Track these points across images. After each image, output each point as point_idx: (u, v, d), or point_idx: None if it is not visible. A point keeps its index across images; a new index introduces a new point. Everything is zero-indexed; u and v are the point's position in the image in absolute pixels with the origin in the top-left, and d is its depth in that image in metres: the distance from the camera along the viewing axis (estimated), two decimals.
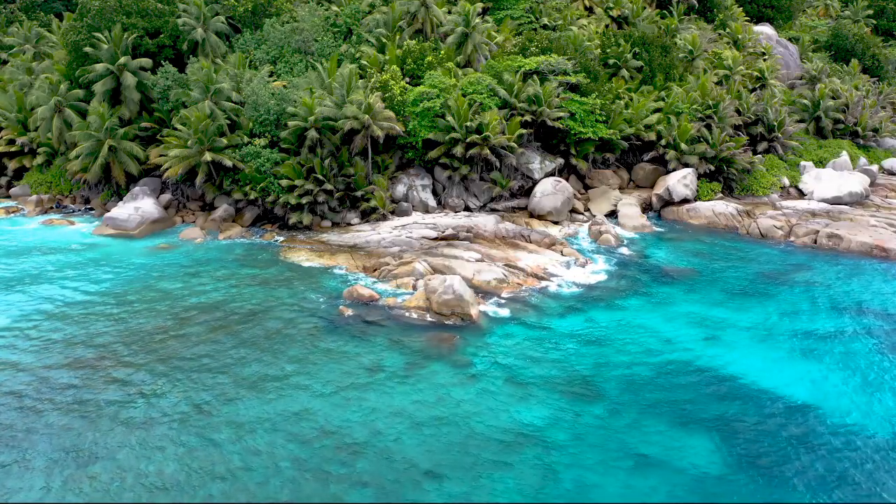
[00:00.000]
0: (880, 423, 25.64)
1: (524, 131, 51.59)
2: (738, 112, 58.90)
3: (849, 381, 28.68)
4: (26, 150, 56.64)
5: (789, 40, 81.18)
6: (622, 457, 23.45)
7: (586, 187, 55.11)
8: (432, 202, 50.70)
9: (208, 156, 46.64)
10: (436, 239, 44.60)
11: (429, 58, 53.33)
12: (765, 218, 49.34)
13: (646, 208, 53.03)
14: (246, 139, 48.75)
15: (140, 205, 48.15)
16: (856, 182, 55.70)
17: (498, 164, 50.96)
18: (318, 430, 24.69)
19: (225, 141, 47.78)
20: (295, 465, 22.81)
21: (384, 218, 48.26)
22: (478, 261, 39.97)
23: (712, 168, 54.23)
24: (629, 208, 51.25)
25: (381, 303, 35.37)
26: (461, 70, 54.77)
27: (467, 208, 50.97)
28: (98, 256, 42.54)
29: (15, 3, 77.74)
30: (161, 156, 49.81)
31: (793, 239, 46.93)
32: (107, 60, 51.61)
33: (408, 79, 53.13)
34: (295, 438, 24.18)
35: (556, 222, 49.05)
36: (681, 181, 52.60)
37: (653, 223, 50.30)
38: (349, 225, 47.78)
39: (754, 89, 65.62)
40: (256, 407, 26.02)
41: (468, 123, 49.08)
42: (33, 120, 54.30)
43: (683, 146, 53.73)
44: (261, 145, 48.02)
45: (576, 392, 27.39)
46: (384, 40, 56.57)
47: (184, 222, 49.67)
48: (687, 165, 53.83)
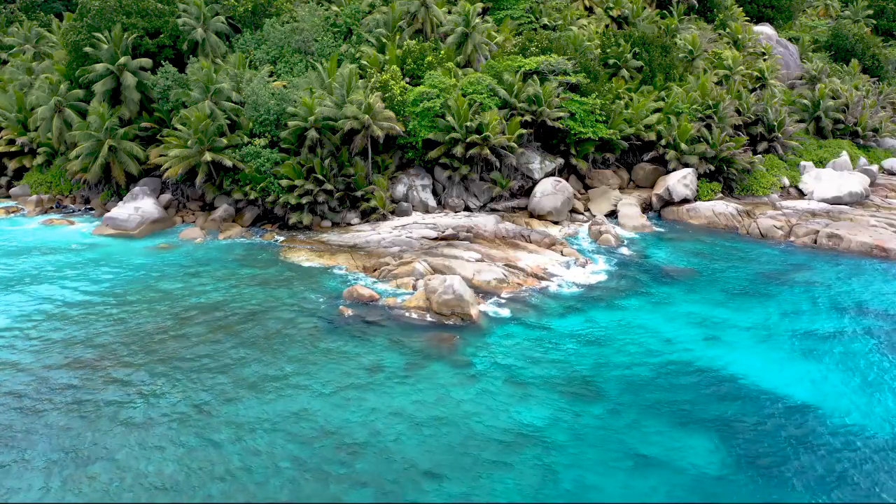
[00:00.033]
0: (880, 423, 25.64)
1: (524, 131, 51.59)
2: (738, 112, 58.90)
3: (849, 382, 28.69)
4: (26, 150, 56.65)
5: (789, 40, 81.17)
6: (622, 457, 23.45)
7: (586, 187, 55.11)
8: (432, 202, 50.69)
9: (208, 156, 46.65)
10: (436, 239, 44.60)
11: (429, 58, 53.33)
12: (765, 218, 49.33)
13: (646, 208, 53.03)
14: (246, 139, 48.76)
15: (140, 205, 48.15)
16: (856, 182, 55.69)
17: (498, 164, 50.96)
18: (318, 430, 24.69)
19: (225, 141, 47.79)
20: (295, 465, 22.81)
21: (384, 218, 48.26)
22: (478, 261, 39.97)
23: (712, 168, 54.23)
24: (629, 208, 51.24)
25: (381, 303, 35.37)
26: (461, 70, 54.77)
27: (467, 208, 50.97)
28: (98, 256, 42.54)
29: (15, 3, 77.74)
30: (161, 156, 49.82)
31: (793, 239, 46.93)
32: (107, 60, 51.61)
33: (408, 79, 53.12)
34: (295, 438, 24.17)
35: (556, 222, 49.04)
36: (681, 181, 52.60)
37: (653, 223, 50.29)
38: (349, 225, 47.78)
39: (754, 89, 65.61)
40: (256, 407, 26.01)
41: (468, 123, 49.07)
42: (33, 120, 54.30)
43: (683, 146, 53.72)
44: (261, 145, 48.02)
45: (576, 392, 27.38)
46: (384, 40, 56.57)
47: (184, 222, 49.67)
48: (687, 165, 53.83)
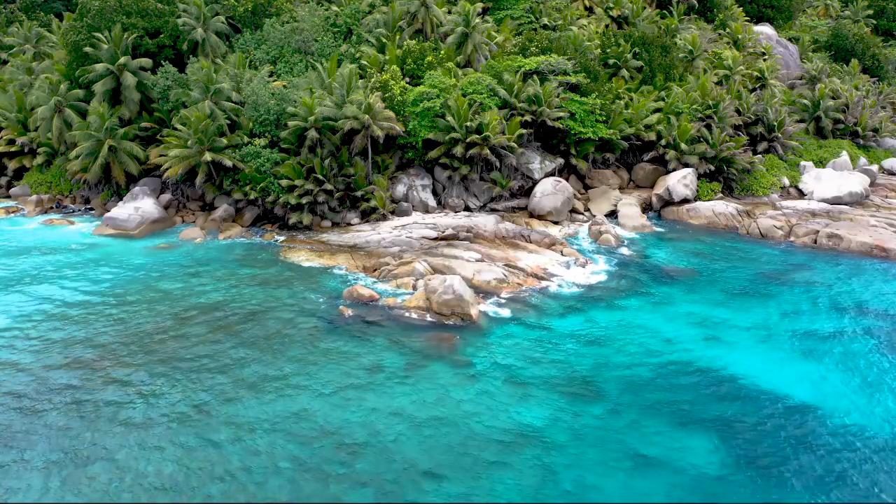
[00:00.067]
0: (880, 423, 25.63)
1: (524, 131, 51.58)
2: (738, 112, 58.89)
3: (848, 382, 28.68)
4: (26, 150, 56.66)
5: (789, 40, 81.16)
6: (622, 457, 23.44)
7: (586, 187, 55.11)
8: (432, 202, 50.69)
9: (208, 156, 46.64)
10: (436, 239, 44.59)
11: (429, 58, 53.32)
12: (765, 218, 49.33)
13: (646, 208, 53.02)
14: (246, 139, 48.76)
15: (140, 205, 48.15)
16: (856, 182, 55.68)
17: (498, 164, 50.95)
18: (318, 430, 24.68)
19: (225, 141, 47.78)
20: (294, 466, 22.81)
21: (384, 218, 48.25)
22: (478, 261, 39.96)
23: (712, 168, 54.22)
24: (629, 208, 51.24)
25: (381, 303, 35.36)
26: (461, 70, 54.76)
27: (467, 208, 50.96)
28: (98, 256, 42.54)
29: (15, 3, 77.74)
30: (161, 156, 49.82)
31: (793, 239, 46.92)
32: (107, 60, 51.61)
33: (408, 79, 53.11)
34: (295, 438, 24.17)
35: (556, 222, 49.04)
36: (681, 181, 52.59)
37: (653, 223, 50.28)
38: (349, 225, 47.78)
39: (754, 89, 65.61)
40: (256, 407, 26.01)
41: (468, 123, 49.07)
42: (33, 120, 54.31)
43: (683, 146, 53.72)
44: (261, 145, 48.02)
45: (576, 392, 27.38)
46: (384, 40, 56.56)
47: (184, 222, 49.67)
48: (687, 165, 53.82)
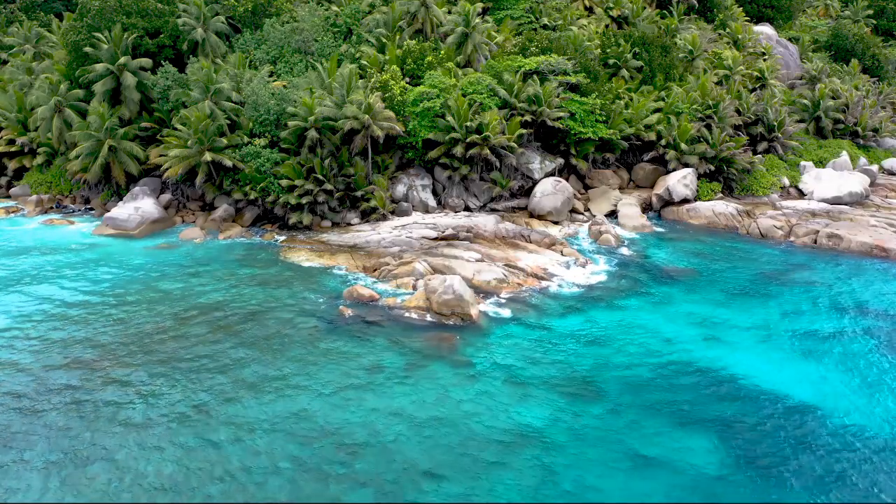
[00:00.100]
0: (880, 423, 25.63)
1: (524, 131, 51.58)
2: (738, 112, 58.88)
3: (848, 382, 28.67)
4: (26, 150, 56.65)
5: (789, 40, 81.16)
6: (622, 457, 23.44)
7: (586, 187, 55.10)
8: (432, 202, 50.68)
9: (208, 156, 46.64)
10: (436, 239, 44.59)
11: (429, 58, 53.32)
12: (765, 218, 49.32)
13: (646, 208, 53.01)
14: (246, 139, 48.75)
15: (140, 205, 48.15)
16: (856, 182, 55.67)
17: (498, 164, 50.95)
18: (318, 430, 24.68)
19: (225, 141, 47.78)
20: (294, 466, 22.80)
21: (384, 218, 48.25)
22: (478, 261, 39.95)
23: (712, 168, 54.21)
24: (629, 208, 51.23)
25: (381, 303, 35.36)
26: (461, 70, 54.75)
27: (467, 208, 50.95)
28: (98, 256, 42.54)
29: (15, 3, 77.74)
30: (161, 156, 49.82)
31: (793, 239, 46.91)
32: (107, 60, 51.61)
33: (408, 79, 53.11)
34: (294, 438, 24.16)
35: (556, 222, 49.03)
36: (681, 181, 52.59)
37: (653, 223, 50.28)
38: (349, 225, 47.77)
39: (754, 89, 65.60)
40: (256, 407, 26.00)
41: (468, 123, 49.06)
42: (33, 120, 54.30)
43: (683, 146, 53.71)
44: (261, 145, 48.02)
45: (576, 392, 27.37)
46: (384, 40, 56.56)
47: (184, 222, 49.67)
48: (687, 165, 53.81)
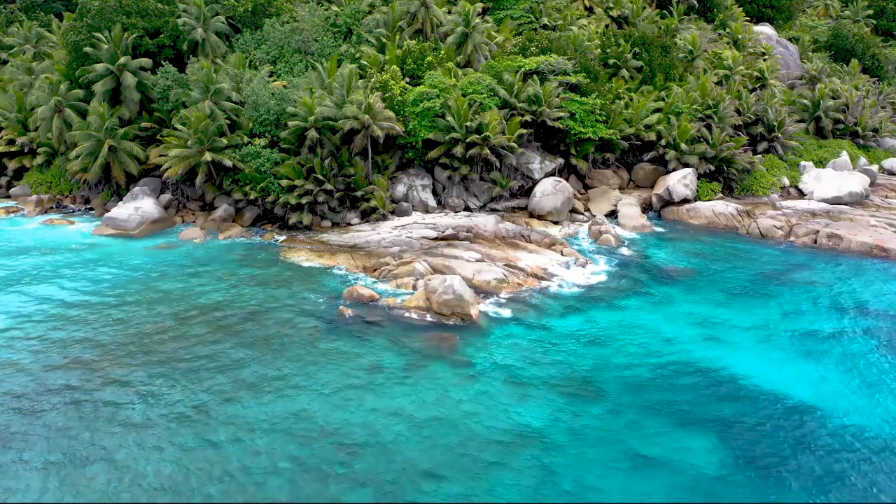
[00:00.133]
0: (879, 424, 25.62)
1: (524, 131, 51.57)
2: (738, 112, 58.87)
3: (848, 382, 28.66)
4: (26, 150, 56.65)
5: (789, 40, 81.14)
6: (621, 457, 23.43)
7: (586, 187, 55.10)
8: (432, 202, 50.68)
9: (208, 156, 46.64)
10: (436, 239, 44.58)
11: (429, 58, 53.32)
12: (765, 218, 49.32)
13: (646, 208, 53.01)
14: (246, 139, 48.75)
15: (140, 205, 48.14)
16: (856, 182, 55.67)
17: (498, 164, 50.94)
18: (318, 430, 24.67)
19: (225, 141, 47.78)
20: (294, 466, 22.80)
21: (384, 218, 48.25)
22: (478, 261, 39.95)
23: (712, 168, 54.21)
24: (629, 208, 51.23)
25: (381, 303, 35.35)
26: (461, 70, 54.75)
27: (467, 208, 50.95)
28: (98, 256, 42.53)
29: (15, 3, 77.74)
30: (161, 156, 49.82)
31: (793, 239, 46.91)
32: (107, 60, 51.60)
33: (408, 79, 53.10)
34: (294, 439, 24.16)
35: (556, 222, 49.03)
36: (681, 181, 52.58)
37: (653, 223, 50.27)
38: (349, 225, 47.77)
39: (754, 89, 65.59)
40: (256, 407, 26.00)
41: (468, 123, 49.06)
42: (33, 120, 54.30)
43: (683, 146, 53.70)
44: (261, 145, 48.02)
45: (575, 392, 27.37)
46: (384, 40, 56.55)
47: (184, 222, 49.67)
48: (687, 165, 53.81)
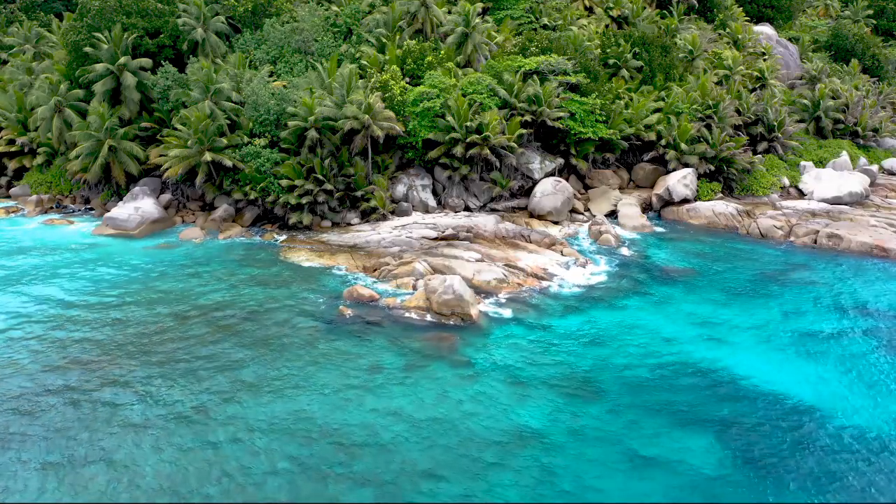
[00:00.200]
0: (879, 424, 25.60)
1: (524, 131, 51.57)
2: (738, 112, 58.87)
3: (848, 383, 28.65)
4: (26, 150, 56.65)
5: (789, 40, 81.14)
6: (621, 458, 23.43)
7: (586, 187, 55.10)
8: (432, 202, 50.68)
9: (208, 156, 46.64)
10: (436, 239, 44.59)
11: (429, 58, 53.32)
12: (765, 218, 49.32)
13: (646, 208, 53.00)
14: (246, 139, 48.76)
15: (140, 205, 48.15)
16: (856, 182, 55.67)
17: (498, 164, 50.94)
18: (317, 430, 24.67)
19: (225, 141, 47.78)
20: (293, 466, 22.80)
21: (384, 218, 48.25)
22: (478, 261, 39.95)
23: (712, 168, 54.21)
24: (629, 208, 51.23)
25: (381, 303, 35.35)
26: (461, 70, 54.75)
27: (467, 208, 50.95)
28: (98, 256, 42.54)
29: (15, 3, 77.74)
30: (161, 156, 49.82)
31: (793, 239, 46.91)
32: (107, 60, 51.61)
33: (408, 79, 53.11)
34: (294, 439, 24.16)
35: (556, 222, 49.03)
36: (681, 181, 52.58)
37: (653, 223, 50.27)
38: (349, 225, 47.77)
39: (754, 89, 65.58)
40: (255, 407, 26.00)
41: (468, 123, 49.06)
42: (33, 120, 54.30)
43: (683, 146, 53.71)
44: (261, 145, 48.02)
45: (575, 392, 27.37)
46: (384, 40, 56.55)
47: (184, 222, 49.67)
48: (687, 165, 53.81)
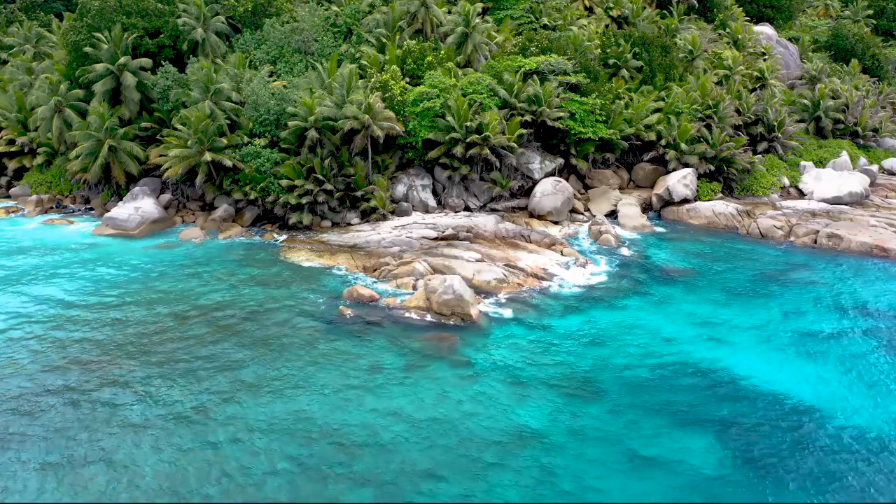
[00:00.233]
0: (879, 425, 25.60)
1: (524, 131, 51.57)
2: (738, 112, 58.87)
3: (848, 383, 28.65)
4: (26, 150, 56.66)
5: (789, 40, 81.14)
6: (621, 458, 23.43)
7: (586, 187, 55.10)
8: (432, 202, 50.68)
9: (208, 156, 46.64)
10: (436, 239, 44.58)
11: (429, 58, 53.32)
12: (765, 218, 49.32)
13: (646, 208, 53.00)
14: (246, 139, 48.76)
15: (140, 205, 48.15)
16: (856, 182, 55.67)
17: (498, 164, 50.94)
18: (317, 430, 24.67)
19: (225, 141, 47.78)
20: (293, 466, 22.80)
21: (384, 218, 48.25)
22: (478, 261, 39.95)
23: (712, 168, 54.21)
24: (629, 208, 51.23)
25: (381, 303, 35.36)
26: (461, 70, 54.75)
27: (467, 208, 50.95)
28: (98, 256, 42.54)
29: (15, 3, 77.74)
30: (161, 156, 49.82)
31: (793, 239, 46.91)
32: (107, 60, 51.61)
33: (408, 79, 53.11)
34: (294, 439, 24.16)
35: (556, 222, 49.03)
36: (681, 181, 52.58)
37: (653, 223, 50.27)
38: (349, 225, 47.77)
39: (754, 89, 65.58)
40: (255, 408, 26.00)
41: (468, 123, 49.06)
42: (33, 120, 54.31)
43: (683, 146, 53.71)
44: (261, 145, 48.02)
45: (575, 392, 27.37)
46: (384, 40, 56.56)
47: (184, 222, 49.67)
48: (687, 165, 53.81)
